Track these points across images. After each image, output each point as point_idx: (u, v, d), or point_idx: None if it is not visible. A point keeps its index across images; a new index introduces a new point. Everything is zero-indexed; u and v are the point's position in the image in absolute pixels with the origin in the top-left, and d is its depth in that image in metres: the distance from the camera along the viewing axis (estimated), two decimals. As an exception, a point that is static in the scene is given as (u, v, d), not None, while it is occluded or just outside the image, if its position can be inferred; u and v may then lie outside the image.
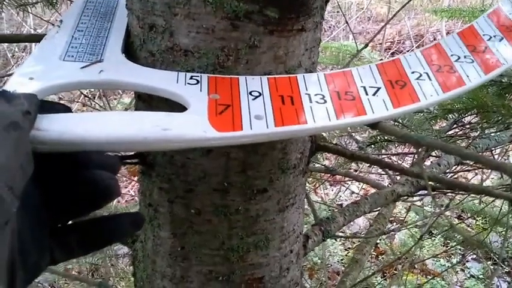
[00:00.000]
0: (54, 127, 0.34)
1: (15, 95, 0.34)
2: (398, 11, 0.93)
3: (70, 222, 0.37)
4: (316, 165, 1.22)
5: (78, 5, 0.53)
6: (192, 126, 0.38)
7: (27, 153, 0.30)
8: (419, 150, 1.22)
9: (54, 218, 0.35)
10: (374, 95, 0.46)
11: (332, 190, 2.89)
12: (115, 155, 0.40)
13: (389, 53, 3.98)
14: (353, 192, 2.75)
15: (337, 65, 1.66)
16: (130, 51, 0.50)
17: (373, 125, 0.45)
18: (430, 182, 0.68)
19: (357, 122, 0.44)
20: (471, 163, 1.21)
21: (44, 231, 0.35)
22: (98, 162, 0.36)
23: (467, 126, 1.21)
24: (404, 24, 4.38)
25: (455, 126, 1.24)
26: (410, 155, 1.48)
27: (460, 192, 0.65)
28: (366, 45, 0.92)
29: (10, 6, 1.14)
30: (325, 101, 0.45)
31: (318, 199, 2.56)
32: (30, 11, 1.11)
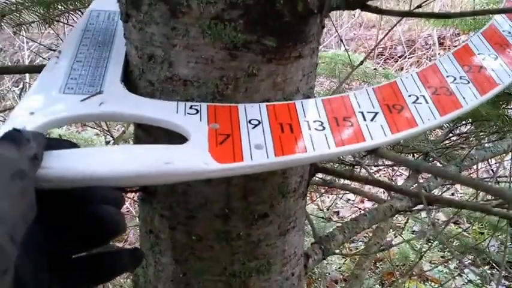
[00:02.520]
0: (59, 164, 0.35)
1: (24, 138, 0.33)
2: (396, 24, 0.94)
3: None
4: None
5: (76, 33, 0.54)
6: (194, 158, 0.39)
7: (31, 200, 0.31)
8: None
9: (56, 254, 0.36)
10: (372, 120, 0.47)
11: (328, 197, 2.90)
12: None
13: (382, 60, 4.00)
14: (349, 200, 2.76)
15: (332, 76, 1.67)
16: (129, 80, 0.50)
17: (373, 151, 0.45)
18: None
19: (356, 149, 0.44)
20: (471, 172, 1.22)
21: (44, 268, 0.35)
22: (103, 197, 0.37)
23: (463, 135, 1.22)
24: (396, 29, 4.41)
25: (450, 135, 1.25)
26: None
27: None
28: (362, 62, 0.93)
29: (7, 25, 1.15)
30: (324, 128, 0.45)
31: (314, 207, 2.57)
32: (26, 31, 1.11)
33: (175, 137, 0.43)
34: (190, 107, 0.45)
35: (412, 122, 0.48)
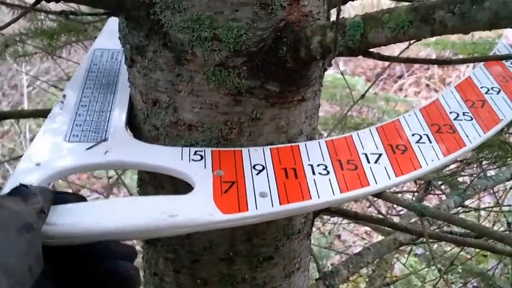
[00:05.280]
0: (64, 221, 0.35)
1: (31, 192, 0.33)
2: (400, 53, 0.95)
3: None
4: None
5: (80, 75, 0.54)
6: (198, 209, 0.39)
7: (38, 254, 0.31)
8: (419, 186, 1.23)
9: None
10: (376, 162, 0.47)
11: (329, 220, 2.87)
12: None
13: (381, 81, 4.01)
14: (350, 222, 2.74)
15: (333, 100, 1.68)
16: (134, 123, 0.50)
17: (377, 195, 0.45)
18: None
19: (360, 194, 0.44)
20: (473, 201, 1.22)
21: None
22: (118, 252, 0.37)
23: (467, 161, 1.22)
24: (394, 49, 4.43)
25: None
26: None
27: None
28: (363, 95, 0.93)
29: (10, 57, 1.16)
30: (328, 172, 0.45)
31: (316, 231, 2.55)
32: (29, 61, 1.12)
33: (180, 180, 0.43)
34: (195, 153, 0.45)
35: (416, 163, 0.47)
